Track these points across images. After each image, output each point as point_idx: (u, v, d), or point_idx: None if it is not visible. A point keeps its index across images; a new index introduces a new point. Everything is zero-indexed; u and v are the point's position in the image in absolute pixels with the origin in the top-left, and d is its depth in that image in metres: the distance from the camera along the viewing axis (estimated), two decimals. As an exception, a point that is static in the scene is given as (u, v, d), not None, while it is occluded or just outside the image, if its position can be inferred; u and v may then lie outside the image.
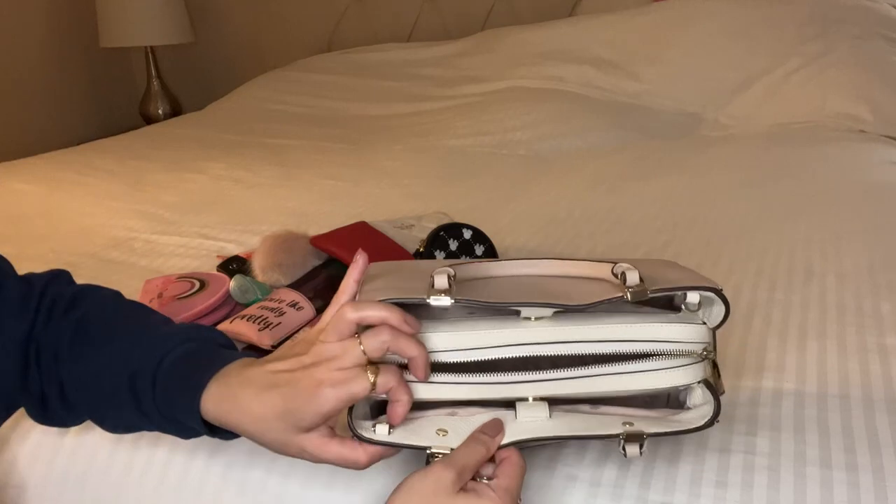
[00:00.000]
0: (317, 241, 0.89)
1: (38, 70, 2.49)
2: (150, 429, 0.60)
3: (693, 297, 0.57)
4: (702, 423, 0.54)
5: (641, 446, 0.53)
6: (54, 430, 0.70)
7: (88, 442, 0.69)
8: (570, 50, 1.94)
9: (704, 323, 0.57)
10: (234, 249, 1.03)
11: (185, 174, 1.51)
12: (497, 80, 1.94)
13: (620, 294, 0.54)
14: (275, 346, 0.75)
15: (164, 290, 0.84)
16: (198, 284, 0.83)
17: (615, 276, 0.57)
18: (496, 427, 0.54)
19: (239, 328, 0.78)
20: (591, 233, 1.09)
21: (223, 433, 0.57)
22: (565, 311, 0.55)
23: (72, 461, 0.69)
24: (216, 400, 0.54)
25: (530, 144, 1.62)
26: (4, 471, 0.70)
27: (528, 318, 0.55)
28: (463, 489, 0.50)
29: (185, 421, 0.57)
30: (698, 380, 0.55)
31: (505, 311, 0.56)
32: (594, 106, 1.77)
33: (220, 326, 0.79)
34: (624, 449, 0.53)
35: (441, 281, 0.55)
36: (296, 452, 0.54)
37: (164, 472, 0.66)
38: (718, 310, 0.56)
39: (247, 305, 0.83)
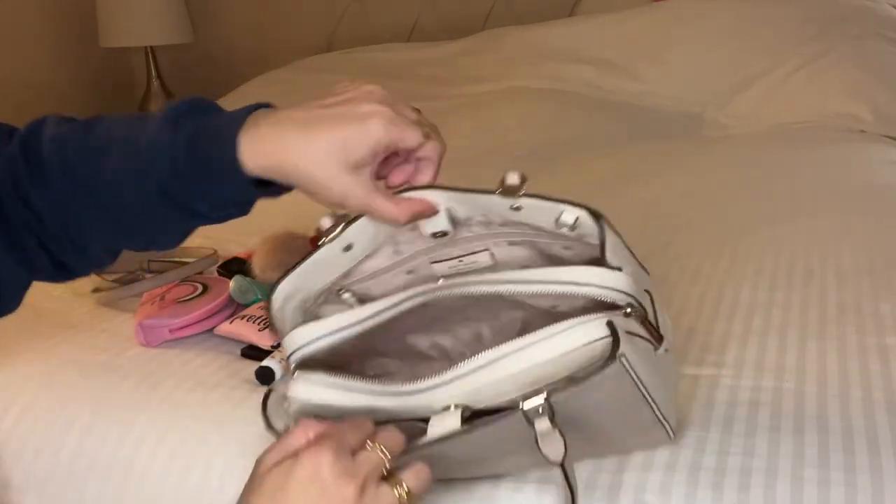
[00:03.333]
0: (315, 242, 0.89)
1: (37, 69, 2.49)
2: (192, 222, 0.56)
3: (568, 217, 0.54)
4: (600, 361, 0.48)
5: (552, 416, 0.49)
6: (56, 429, 0.70)
7: (89, 442, 0.69)
8: (570, 50, 1.94)
9: (620, 269, 0.52)
10: (234, 249, 1.03)
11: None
12: (497, 80, 1.93)
13: (492, 189, 0.53)
14: (275, 347, 0.75)
15: (166, 293, 0.84)
16: (200, 288, 0.84)
17: (500, 183, 0.54)
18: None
19: (239, 328, 0.78)
20: (591, 233, 1.09)
21: (269, 190, 0.54)
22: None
23: (73, 461, 0.69)
24: (253, 146, 0.51)
25: (530, 144, 1.62)
26: (6, 471, 0.70)
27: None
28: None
29: (228, 186, 0.52)
30: (605, 334, 0.49)
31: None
32: (594, 106, 1.76)
33: (220, 328, 0.79)
34: (532, 424, 0.49)
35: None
36: (339, 195, 0.52)
37: (166, 472, 0.66)
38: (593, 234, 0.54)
39: (247, 306, 0.83)
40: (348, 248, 0.58)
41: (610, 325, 0.49)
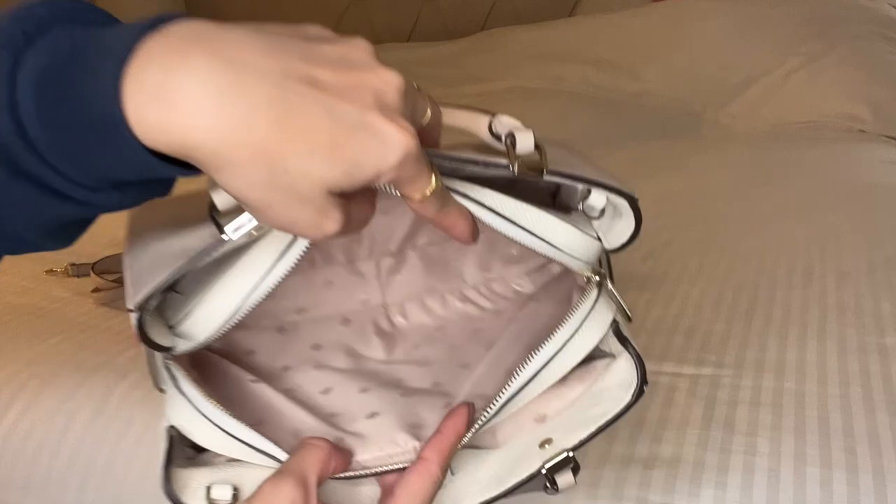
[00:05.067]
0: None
1: (38, 70, 2.49)
2: (69, 209, 0.35)
3: (598, 200, 0.44)
4: (629, 398, 0.45)
5: (575, 471, 0.45)
6: (56, 429, 0.70)
7: (89, 442, 0.69)
8: (570, 50, 1.94)
9: (599, 239, 0.45)
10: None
11: (185, 174, 1.51)
12: (497, 80, 1.94)
13: (504, 163, 0.39)
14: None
15: (164, 291, 0.84)
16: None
17: (496, 137, 0.42)
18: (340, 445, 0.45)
19: (239, 328, 0.78)
20: (591, 233, 1.09)
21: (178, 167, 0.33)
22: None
23: (73, 461, 0.69)
24: (151, 109, 0.30)
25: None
26: (6, 471, 0.70)
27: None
28: None
29: (108, 157, 0.32)
30: (609, 324, 0.45)
31: None
32: (594, 106, 1.76)
33: (221, 327, 0.79)
34: (555, 485, 0.45)
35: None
36: (302, 226, 0.34)
37: (165, 472, 0.66)
38: (623, 227, 0.45)
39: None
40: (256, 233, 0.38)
41: (617, 332, 0.45)
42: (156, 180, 0.36)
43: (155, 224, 0.43)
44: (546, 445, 0.46)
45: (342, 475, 0.44)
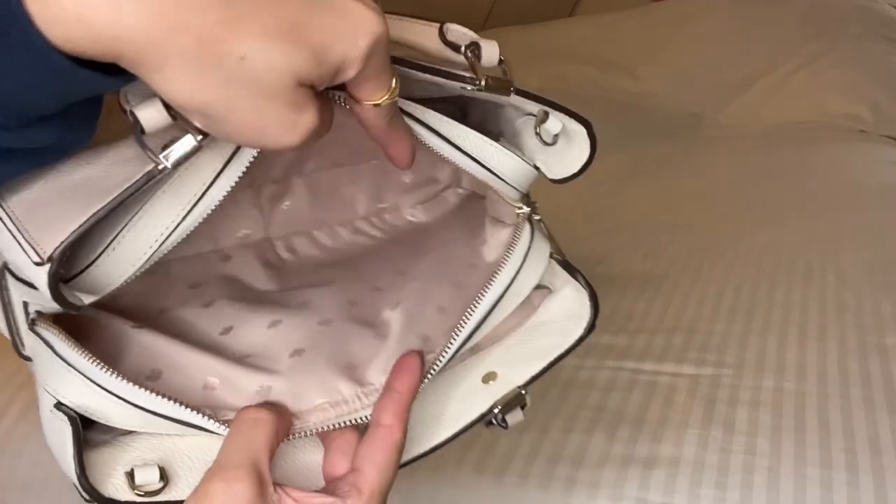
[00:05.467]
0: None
1: (38, 70, 2.49)
2: None
3: (554, 125, 0.41)
4: (581, 331, 0.43)
5: (523, 406, 0.43)
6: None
7: (89, 442, 0.69)
8: (571, 50, 1.94)
9: (537, 168, 0.41)
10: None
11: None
12: (497, 80, 1.94)
13: (472, 76, 0.36)
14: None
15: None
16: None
17: (450, 46, 0.38)
18: (272, 403, 0.39)
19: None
20: (591, 233, 1.09)
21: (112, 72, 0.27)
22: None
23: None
24: (61, 7, 0.24)
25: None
26: (6, 471, 0.70)
27: None
28: None
29: (32, 84, 0.26)
30: (547, 257, 0.43)
31: None
32: (594, 106, 1.76)
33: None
34: (504, 423, 0.43)
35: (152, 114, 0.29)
36: (265, 133, 0.29)
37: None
38: (575, 155, 0.41)
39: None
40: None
41: (565, 265, 0.43)
42: (79, 110, 0.30)
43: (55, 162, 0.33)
44: (490, 381, 0.43)
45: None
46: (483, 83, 0.36)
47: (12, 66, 0.25)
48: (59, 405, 0.36)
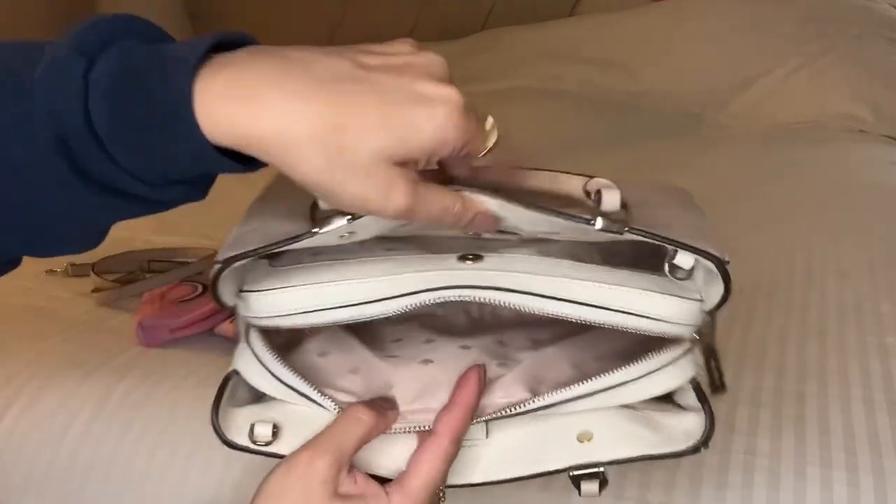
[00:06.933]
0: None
1: (38, 70, 2.49)
2: (112, 209, 0.38)
3: (685, 260, 0.42)
4: (684, 447, 0.44)
5: (603, 485, 0.44)
6: (55, 429, 0.70)
7: (89, 442, 0.69)
8: (570, 50, 1.94)
9: (701, 300, 0.43)
10: (234, 249, 1.03)
11: (186, 174, 1.51)
12: (497, 80, 1.93)
13: (588, 216, 0.40)
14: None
15: (166, 293, 0.84)
16: (200, 288, 0.83)
17: (587, 194, 0.43)
18: (388, 403, 0.44)
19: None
20: (592, 233, 1.09)
21: (243, 161, 0.36)
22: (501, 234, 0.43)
23: (73, 461, 0.69)
24: (221, 114, 0.34)
25: (530, 144, 1.62)
26: (6, 470, 0.70)
27: (463, 259, 0.43)
28: (342, 495, 0.40)
29: (175, 154, 0.35)
30: (688, 378, 0.44)
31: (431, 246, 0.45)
32: (594, 106, 1.76)
33: (220, 328, 0.79)
34: (578, 487, 0.44)
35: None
36: (368, 203, 0.36)
37: (165, 471, 0.66)
38: (716, 290, 0.43)
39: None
40: (348, 235, 0.42)
41: (696, 387, 0.44)
42: (200, 179, 0.39)
43: (277, 203, 0.46)
44: (585, 441, 0.45)
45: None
46: (598, 223, 0.40)
47: (176, 150, 0.35)
48: (232, 371, 0.46)
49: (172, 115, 0.34)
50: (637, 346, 0.45)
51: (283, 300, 0.44)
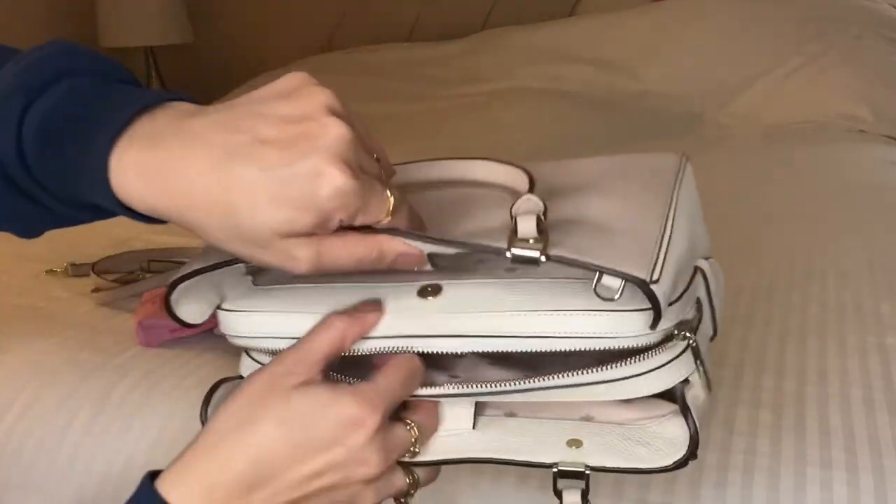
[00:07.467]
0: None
1: (38, 70, 2.48)
2: (49, 220, 0.44)
3: (612, 282, 0.40)
4: (668, 462, 0.43)
5: (585, 496, 0.43)
6: (55, 429, 0.70)
7: (89, 441, 0.69)
8: (570, 50, 1.94)
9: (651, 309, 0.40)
10: (234, 249, 1.03)
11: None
12: (497, 80, 1.93)
13: (501, 247, 0.40)
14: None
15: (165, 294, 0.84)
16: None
17: (513, 218, 0.40)
18: (370, 306, 0.43)
19: (239, 328, 0.78)
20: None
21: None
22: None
23: (73, 461, 0.69)
24: (133, 177, 0.38)
25: (530, 144, 1.62)
26: (6, 471, 0.70)
27: (424, 294, 0.43)
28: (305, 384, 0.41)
29: (92, 196, 0.40)
30: (677, 381, 0.43)
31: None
32: (594, 106, 1.76)
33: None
34: (560, 495, 0.44)
35: None
36: (269, 263, 0.40)
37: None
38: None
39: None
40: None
41: (682, 401, 0.43)
42: (109, 212, 0.42)
43: None
44: (574, 447, 0.44)
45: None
46: (509, 254, 0.40)
47: (92, 196, 0.40)
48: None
49: (91, 175, 0.38)
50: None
51: (254, 322, 0.46)
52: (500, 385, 0.43)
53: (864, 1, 1.83)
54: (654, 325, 0.41)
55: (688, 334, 0.43)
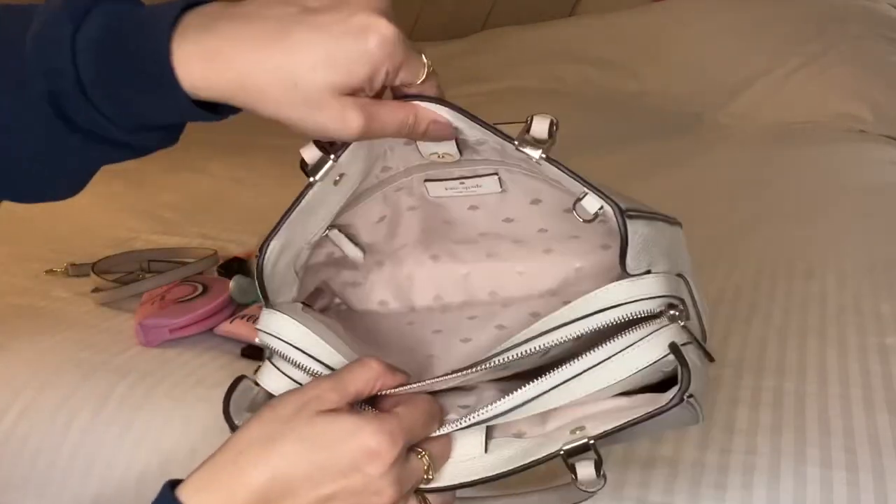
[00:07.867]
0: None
1: (38, 70, 2.48)
2: (98, 153, 0.44)
3: (591, 203, 0.44)
4: (662, 403, 0.42)
5: (599, 466, 0.43)
6: (56, 429, 0.70)
7: (89, 441, 0.69)
8: (570, 50, 1.94)
9: (648, 271, 0.44)
10: (234, 249, 1.03)
11: (186, 174, 1.51)
12: (497, 80, 1.93)
13: (514, 139, 0.44)
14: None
15: (166, 293, 0.84)
16: (200, 288, 0.83)
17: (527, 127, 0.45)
18: (400, 370, 0.46)
19: (239, 328, 0.78)
20: (592, 233, 1.09)
21: (217, 109, 0.43)
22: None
23: (73, 461, 0.69)
24: (196, 61, 0.40)
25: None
26: (6, 471, 0.70)
27: None
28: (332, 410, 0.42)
29: (153, 106, 0.41)
30: (665, 351, 0.43)
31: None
32: (594, 106, 1.76)
33: (220, 328, 0.79)
34: (574, 471, 0.43)
35: None
36: (327, 126, 0.42)
37: (165, 472, 0.66)
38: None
39: (247, 306, 0.83)
40: (340, 178, 0.47)
41: (674, 348, 0.43)
42: (174, 126, 0.45)
43: None
44: (577, 432, 0.45)
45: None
46: (516, 142, 0.44)
47: (157, 101, 0.41)
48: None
49: (154, 71, 0.39)
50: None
51: (295, 331, 0.48)
52: (508, 395, 0.43)
53: (864, 1, 1.83)
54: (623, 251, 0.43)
55: (675, 302, 0.45)
